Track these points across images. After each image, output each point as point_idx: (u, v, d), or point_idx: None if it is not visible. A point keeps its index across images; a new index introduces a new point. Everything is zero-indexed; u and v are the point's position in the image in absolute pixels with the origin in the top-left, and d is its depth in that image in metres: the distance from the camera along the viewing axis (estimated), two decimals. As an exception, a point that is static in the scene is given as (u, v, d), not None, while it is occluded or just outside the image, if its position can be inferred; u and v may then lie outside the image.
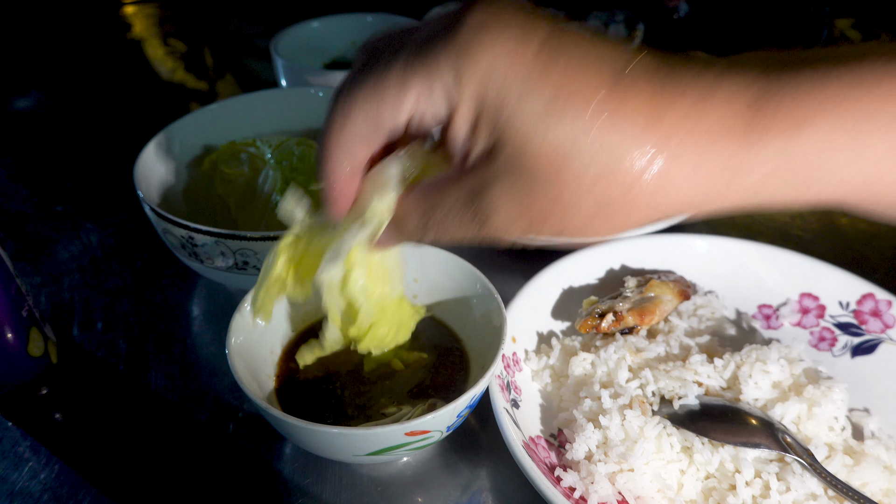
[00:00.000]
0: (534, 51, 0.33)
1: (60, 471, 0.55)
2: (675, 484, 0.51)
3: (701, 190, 0.34)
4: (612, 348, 0.59)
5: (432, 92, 0.35)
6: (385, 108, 0.37)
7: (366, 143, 0.40)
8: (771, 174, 0.33)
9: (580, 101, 0.33)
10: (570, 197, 0.34)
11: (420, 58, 0.35)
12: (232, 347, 0.50)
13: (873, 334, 0.63)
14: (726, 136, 0.33)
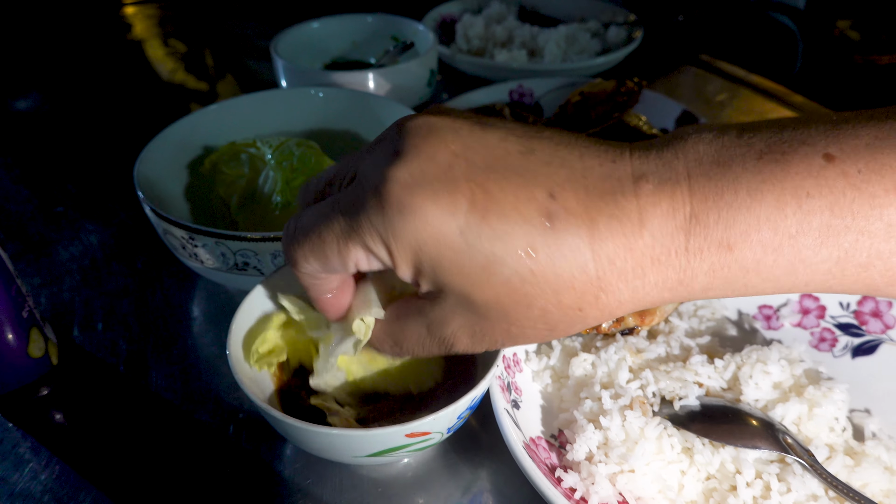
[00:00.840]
0: (462, 212, 0.34)
1: (61, 472, 0.55)
2: (675, 485, 0.51)
3: (648, 300, 0.37)
4: (613, 349, 0.59)
5: (370, 258, 0.38)
6: (332, 264, 0.40)
7: (328, 277, 0.44)
8: (707, 285, 0.36)
9: (511, 260, 0.35)
10: (519, 329, 0.38)
11: (353, 230, 0.37)
12: (232, 348, 0.50)
13: (874, 335, 0.63)
14: (662, 260, 0.35)
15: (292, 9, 1.53)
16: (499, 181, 0.35)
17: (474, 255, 0.35)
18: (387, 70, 0.94)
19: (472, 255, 0.35)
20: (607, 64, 1.15)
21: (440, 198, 0.34)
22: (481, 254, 0.34)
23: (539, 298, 0.35)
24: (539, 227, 0.34)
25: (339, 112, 0.82)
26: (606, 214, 0.35)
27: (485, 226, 0.34)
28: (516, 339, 0.39)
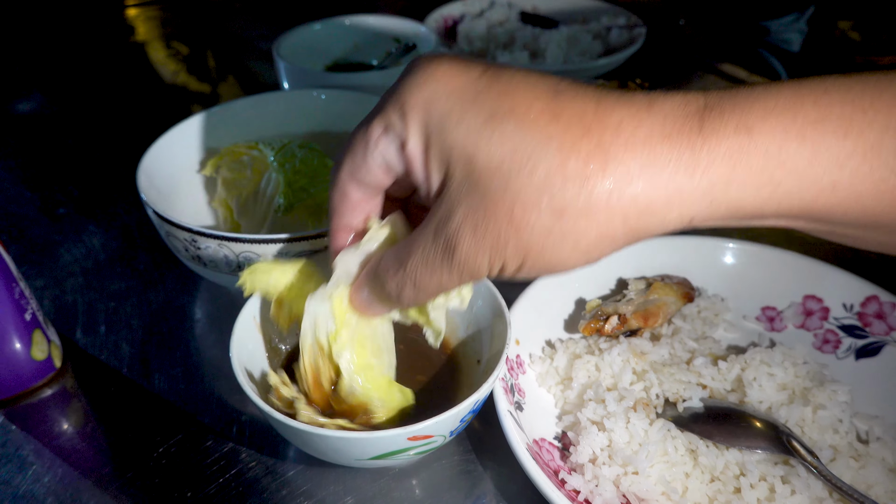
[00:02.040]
0: (473, 77, 0.36)
1: (64, 474, 0.55)
2: (679, 487, 0.51)
3: (658, 189, 0.33)
4: (616, 351, 0.59)
5: (388, 132, 0.38)
6: (357, 158, 0.40)
7: (357, 195, 0.43)
8: (728, 176, 0.33)
9: (519, 113, 0.34)
10: (522, 211, 0.34)
11: (375, 110, 0.39)
12: (235, 350, 0.50)
13: (877, 336, 0.62)
14: (674, 136, 0.33)
15: (294, 11, 1.53)
16: (509, 69, 0.37)
17: (481, 107, 0.35)
18: (389, 72, 0.94)
19: (478, 108, 0.35)
20: (609, 65, 1.15)
21: (455, 63, 0.37)
22: (487, 106, 0.35)
23: (542, 160, 0.33)
24: (545, 96, 0.35)
25: (342, 114, 0.82)
26: (613, 98, 0.35)
27: (494, 83, 0.35)
28: (520, 231, 0.35)
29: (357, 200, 0.44)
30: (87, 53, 1.37)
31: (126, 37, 1.46)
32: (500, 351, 0.51)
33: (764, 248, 0.68)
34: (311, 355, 0.48)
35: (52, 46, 1.39)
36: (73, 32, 1.46)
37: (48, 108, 1.16)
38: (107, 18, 1.54)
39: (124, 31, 1.49)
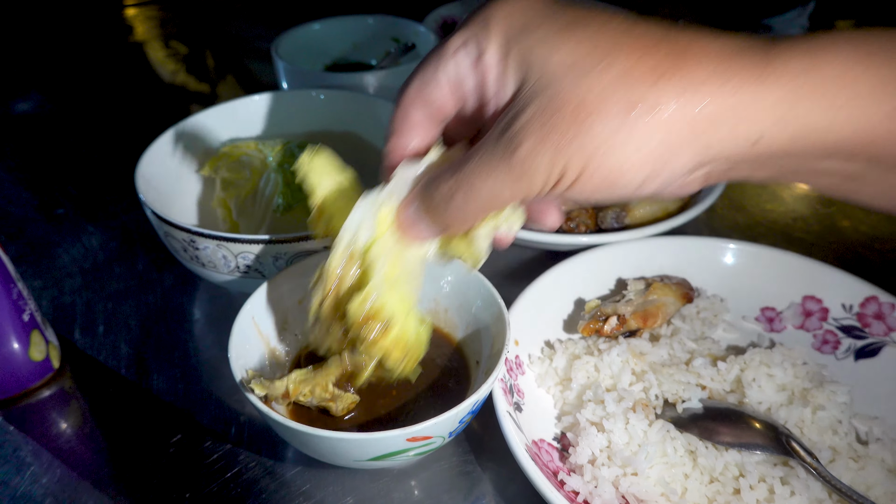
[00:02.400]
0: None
1: (62, 475, 0.55)
2: (679, 488, 0.50)
3: (727, 98, 0.34)
4: (615, 352, 0.59)
5: (467, 44, 0.40)
6: (427, 73, 0.41)
7: (419, 116, 0.43)
8: (796, 93, 0.33)
9: (596, 22, 0.36)
10: (592, 107, 0.34)
11: (455, 30, 0.41)
12: (234, 351, 0.50)
13: (877, 337, 0.62)
14: (744, 53, 0.34)
15: (293, 11, 1.53)
16: None
17: (560, 17, 0.37)
18: (388, 72, 0.94)
19: (557, 18, 0.37)
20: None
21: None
22: (566, 17, 0.37)
23: (617, 61, 0.34)
24: (620, 16, 0.37)
25: (340, 114, 0.82)
26: (680, 27, 0.36)
27: (571, 2, 0.38)
28: (587, 129, 0.34)
29: (418, 121, 0.44)
30: (86, 53, 1.36)
31: (125, 36, 1.46)
32: (499, 352, 0.51)
33: (763, 249, 0.68)
34: (341, 258, 0.46)
35: (51, 46, 1.39)
36: (72, 32, 1.46)
37: (47, 108, 1.16)
38: (106, 18, 1.53)
39: (123, 30, 1.49)
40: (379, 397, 0.54)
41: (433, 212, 0.42)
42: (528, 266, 0.76)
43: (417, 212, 0.43)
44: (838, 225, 0.85)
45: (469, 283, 0.58)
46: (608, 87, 0.34)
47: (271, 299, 0.57)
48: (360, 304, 0.45)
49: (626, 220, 0.77)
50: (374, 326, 0.46)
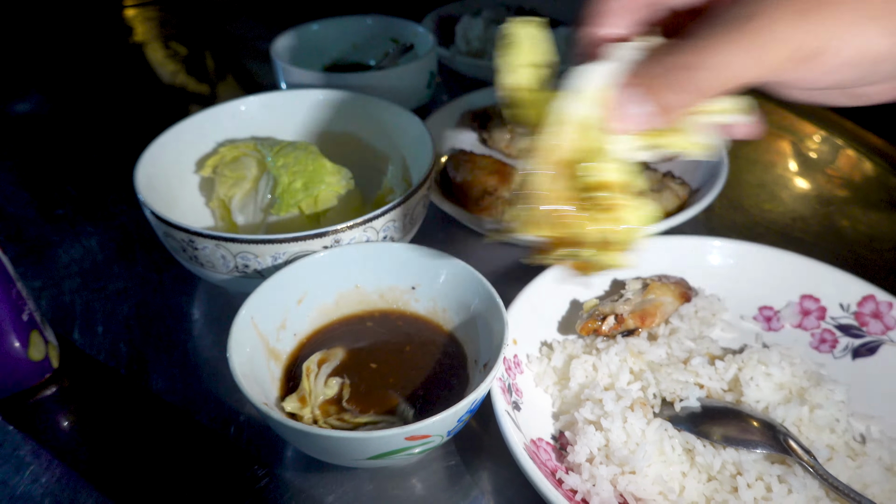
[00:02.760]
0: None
1: (62, 474, 0.55)
2: (676, 486, 0.51)
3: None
4: (614, 351, 0.59)
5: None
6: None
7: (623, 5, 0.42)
8: None
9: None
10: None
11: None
12: (233, 351, 0.50)
13: (874, 336, 0.63)
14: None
15: (292, 11, 1.53)
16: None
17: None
18: (386, 72, 0.94)
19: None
20: (607, 65, 1.15)
21: None
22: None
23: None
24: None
25: (339, 114, 0.82)
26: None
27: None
28: None
29: (619, 6, 0.41)
30: (86, 53, 1.36)
31: (125, 37, 1.46)
32: (497, 351, 0.51)
33: (761, 248, 0.68)
34: (565, 133, 0.43)
35: (50, 46, 1.39)
36: (71, 32, 1.46)
37: (46, 109, 1.16)
38: (105, 19, 1.53)
39: (123, 31, 1.49)
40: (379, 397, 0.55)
41: (653, 89, 0.39)
42: (526, 266, 0.76)
43: (633, 91, 0.40)
44: (836, 225, 0.85)
45: (467, 282, 0.58)
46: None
47: (270, 299, 0.57)
48: (585, 178, 0.43)
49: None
50: (619, 193, 0.43)
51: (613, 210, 0.44)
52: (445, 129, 0.96)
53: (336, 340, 0.59)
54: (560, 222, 0.45)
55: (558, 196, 0.44)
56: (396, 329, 0.61)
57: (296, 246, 0.59)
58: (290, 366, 0.57)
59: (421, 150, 0.73)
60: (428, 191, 0.69)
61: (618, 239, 0.44)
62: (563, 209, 0.44)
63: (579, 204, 0.44)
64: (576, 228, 0.45)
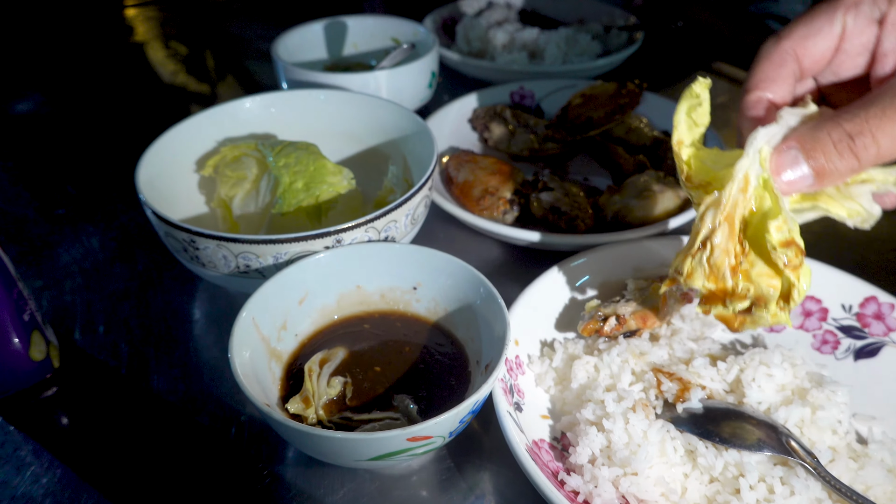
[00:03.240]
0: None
1: (63, 475, 0.55)
2: (678, 488, 0.51)
3: None
4: (615, 352, 0.59)
5: (859, 11, 0.45)
6: (817, 21, 0.46)
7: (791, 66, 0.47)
8: None
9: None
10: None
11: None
12: (234, 351, 0.50)
13: (876, 337, 0.62)
14: None
15: (293, 11, 1.53)
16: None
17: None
18: (387, 72, 0.94)
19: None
20: (608, 66, 1.15)
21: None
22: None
23: None
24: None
25: (340, 114, 0.82)
26: None
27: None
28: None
29: (785, 75, 0.47)
30: (87, 53, 1.36)
31: (125, 37, 1.46)
32: (499, 351, 0.51)
33: (763, 249, 0.68)
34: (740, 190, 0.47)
35: (51, 46, 1.38)
36: (72, 32, 1.46)
37: (47, 108, 1.16)
38: (106, 18, 1.53)
39: (123, 31, 1.49)
40: (381, 396, 0.55)
41: (812, 153, 0.43)
42: (528, 266, 0.76)
43: (790, 154, 0.44)
44: (838, 225, 0.85)
45: (469, 282, 0.58)
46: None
47: (272, 299, 0.57)
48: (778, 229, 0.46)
49: (625, 219, 0.77)
50: (792, 252, 0.46)
51: (781, 268, 0.47)
52: (447, 129, 0.96)
53: (337, 341, 0.59)
54: (729, 276, 0.48)
55: (729, 250, 0.48)
56: (397, 330, 0.61)
57: (297, 246, 0.59)
58: (291, 366, 0.57)
59: (422, 150, 0.73)
60: (430, 191, 0.69)
61: (783, 296, 0.48)
62: (734, 263, 0.48)
63: (748, 260, 0.48)
64: (743, 282, 0.48)
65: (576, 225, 0.76)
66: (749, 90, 0.49)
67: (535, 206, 0.78)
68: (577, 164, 0.95)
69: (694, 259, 0.49)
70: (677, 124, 0.50)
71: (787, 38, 0.48)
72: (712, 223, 0.48)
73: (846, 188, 0.47)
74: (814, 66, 0.49)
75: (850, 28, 0.46)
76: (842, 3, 0.46)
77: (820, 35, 0.47)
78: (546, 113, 1.04)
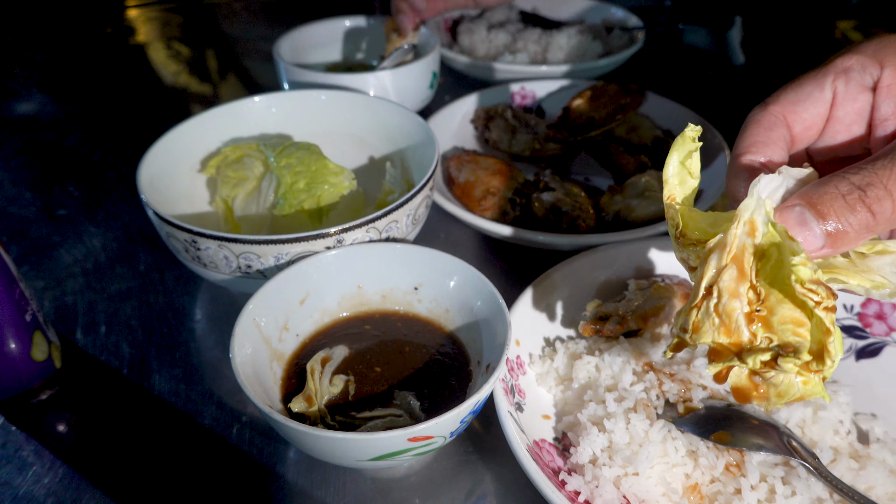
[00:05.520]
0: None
1: (64, 475, 0.55)
2: (680, 488, 0.50)
3: None
4: (617, 352, 0.59)
5: (860, 67, 0.44)
6: (806, 88, 0.45)
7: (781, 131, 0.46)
8: None
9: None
10: None
11: (842, 53, 0.45)
12: (235, 351, 0.50)
13: (878, 337, 0.62)
14: None
15: (294, 11, 1.53)
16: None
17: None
18: (389, 72, 0.94)
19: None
20: (609, 66, 1.15)
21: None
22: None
23: None
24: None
25: (342, 114, 0.82)
26: None
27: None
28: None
29: (775, 139, 0.45)
30: (89, 54, 1.37)
31: (127, 38, 1.46)
32: (500, 352, 0.51)
33: (764, 249, 0.68)
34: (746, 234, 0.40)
35: (53, 47, 1.39)
36: (73, 33, 1.46)
37: (48, 109, 1.16)
38: (108, 19, 1.54)
39: (125, 32, 1.49)
40: (383, 394, 0.55)
41: (826, 211, 0.39)
42: (528, 266, 0.76)
43: (802, 212, 0.40)
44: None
45: (470, 283, 0.58)
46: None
47: (273, 300, 0.57)
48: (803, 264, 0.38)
49: (626, 219, 0.77)
50: (824, 291, 0.39)
51: (811, 307, 0.39)
52: (448, 130, 0.96)
53: (339, 341, 0.59)
54: (744, 325, 0.40)
55: (741, 295, 0.40)
56: (398, 330, 0.61)
57: (298, 246, 0.59)
58: (292, 366, 0.57)
59: (423, 151, 0.73)
60: (431, 191, 0.69)
61: (815, 353, 0.39)
62: (748, 310, 0.40)
63: (767, 306, 0.40)
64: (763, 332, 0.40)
65: (577, 225, 0.76)
66: (739, 155, 0.46)
67: (536, 207, 0.79)
68: (579, 164, 0.95)
69: (700, 310, 0.41)
70: (668, 178, 0.46)
71: (776, 103, 0.46)
72: (717, 266, 0.41)
73: (863, 261, 0.42)
74: (805, 133, 0.47)
75: (841, 94, 0.45)
76: (832, 68, 0.45)
77: (809, 100, 0.45)
78: (547, 113, 1.04)
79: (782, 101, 0.46)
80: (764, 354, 0.39)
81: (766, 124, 0.46)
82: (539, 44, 1.21)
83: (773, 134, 0.46)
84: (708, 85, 1.23)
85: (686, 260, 0.45)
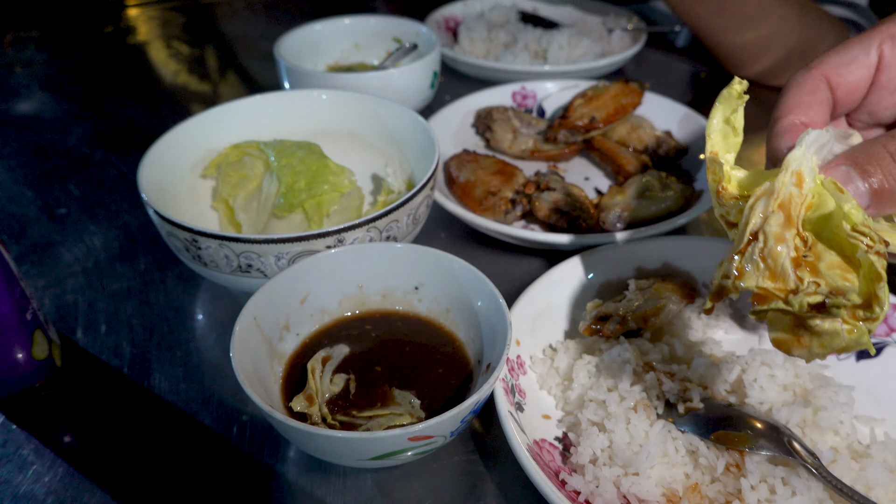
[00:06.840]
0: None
1: (65, 473, 0.55)
2: (680, 488, 0.50)
3: None
4: (617, 352, 0.59)
5: None
6: (852, 51, 0.44)
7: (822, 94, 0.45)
8: None
9: None
10: None
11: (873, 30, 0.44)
12: (236, 351, 0.50)
13: (878, 338, 0.62)
14: None
15: (294, 11, 1.53)
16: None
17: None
18: (389, 72, 0.94)
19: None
20: (610, 66, 1.15)
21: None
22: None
23: None
24: None
25: (342, 114, 0.82)
26: None
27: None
28: None
29: (816, 102, 0.44)
30: (89, 53, 1.37)
31: (127, 37, 1.46)
32: (500, 352, 0.51)
33: (765, 249, 0.68)
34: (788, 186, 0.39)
35: (53, 46, 1.39)
36: (74, 32, 1.46)
37: (49, 108, 1.16)
38: (108, 19, 1.54)
39: (125, 31, 1.49)
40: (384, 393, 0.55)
41: (873, 169, 0.40)
42: (529, 266, 0.76)
43: (848, 171, 0.40)
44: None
45: (471, 283, 0.58)
46: None
47: (273, 299, 0.57)
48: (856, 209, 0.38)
49: (627, 219, 0.77)
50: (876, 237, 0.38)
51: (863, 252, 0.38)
52: (448, 130, 0.96)
53: (339, 341, 0.59)
54: (791, 270, 0.39)
55: (788, 240, 0.39)
56: (399, 330, 0.61)
57: (299, 246, 0.59)
58: (292, 366, 0.57)
59: (424, 150, 0.73)
60: (431, 191, 0.69)
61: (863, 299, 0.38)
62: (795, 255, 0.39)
63: (814, 252, 0.39)
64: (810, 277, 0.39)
65: (577, 225, 0.76)
66: (780, 117, 0.45)
67: (536, 207, 0.79)
68: (579, 164, 0.95)
69: (744, 256, 0.40)
70: (711, 132, 0.45)
71: (819, 66, 0.45)
72: (764, 212, 0.40)
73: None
74: (848, 97, 0.46)
75: (888, 58, 0.44)
76: (878, 32, 0.44)
77: (854, 63, 0.44)
78: (548, 113, 1.04)
79: (826, 63, 0.45)
80: (812, 297, 0.38)
81: (808, 87, 0.45)
82: (539, 44, 1.21)
83: (816, 97, 0.45)
84: (708, 85, 1.23)
85: (726, 216, 0.44)
